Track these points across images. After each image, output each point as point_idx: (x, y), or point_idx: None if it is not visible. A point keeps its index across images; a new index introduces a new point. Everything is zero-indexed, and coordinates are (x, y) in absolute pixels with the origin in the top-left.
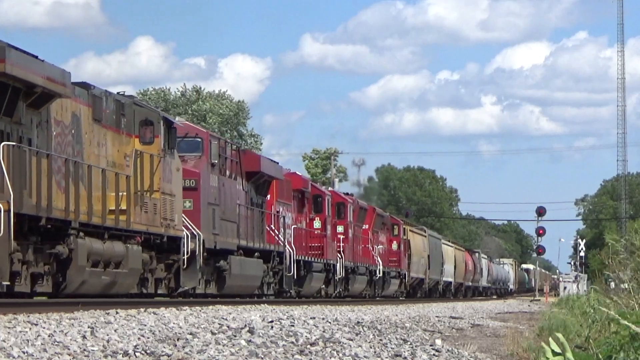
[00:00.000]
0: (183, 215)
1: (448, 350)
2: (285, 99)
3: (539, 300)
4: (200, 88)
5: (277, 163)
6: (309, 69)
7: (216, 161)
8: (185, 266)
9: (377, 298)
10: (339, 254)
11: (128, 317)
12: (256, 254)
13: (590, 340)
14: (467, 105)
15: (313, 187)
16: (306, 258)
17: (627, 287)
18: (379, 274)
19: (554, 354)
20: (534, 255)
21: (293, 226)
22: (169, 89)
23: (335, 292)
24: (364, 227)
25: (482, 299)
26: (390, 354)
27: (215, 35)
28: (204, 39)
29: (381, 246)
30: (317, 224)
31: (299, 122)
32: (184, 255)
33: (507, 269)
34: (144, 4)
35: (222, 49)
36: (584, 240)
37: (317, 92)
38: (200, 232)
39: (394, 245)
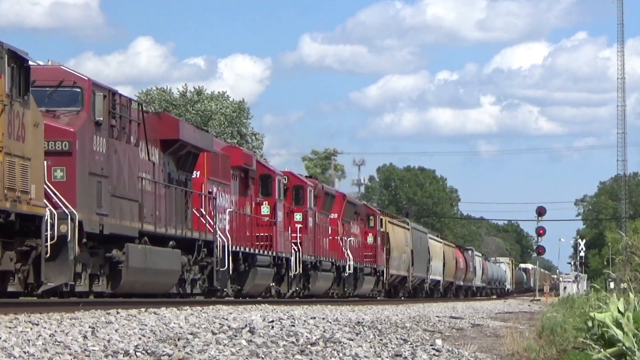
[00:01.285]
0: (50, 187)
1: (448, 350)
2: (284, 99)
3: (539, 300)
4: (202, 88)
5: (208, 131)
6: (308, 69)
7: (103, 119)
8: (49, 255)
9: (349, 298)
10: (294, 246)
11: (129, 317)
12: (171, 242)
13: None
14: (466, 105)
15: (260, 166)
16: (248, 250)
17: (626, 286)
18: (349, 270)
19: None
20: (534, 255)
21: (228, 210)
22: (169, 89)
23: (290, 291)
24: (331, 217)
25: (477, 299)
26: (390, 354)
27: (214, 36)
28: (204, 39)
29: (353, 239)
30: (265, 209)
31: (299, 122)
32: (46, 241)
33: (503, 268)
34: (143, 4)
35: (221, 49)
36: (584, 240)
37: (317, 92)
38: (75, 211)
39: (370, 238)
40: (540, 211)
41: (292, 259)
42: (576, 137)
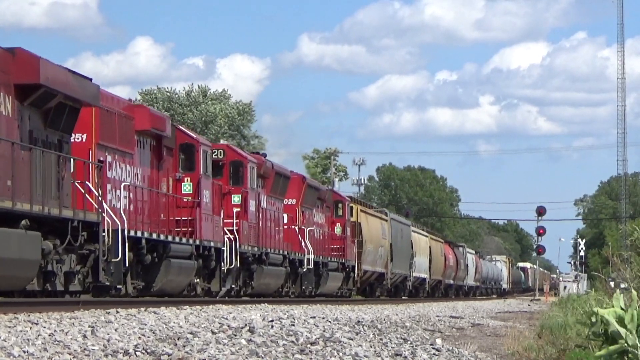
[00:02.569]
0: None
1: (448, 349)
2: (283, 99)
3: (539, 299)
4: (207, 88)
5: (91, 80)
6: (306, 69)
7: None
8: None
9: (311, 298)
10: (229, 235)
11: (128, 317)
12: (23, 222)
13: (592, 341)
14: (465, 105)
15: (180, 133)
16: (156, 236)
17: (627, 286)
18: (308, 264)
19: None
20: (534, 254)
21: (125, 184)
22: (173, 90)
23: (224, 289)
24: (287, 202)
25: (470, 299)
26: (390, 353)
27: (213, 36)
28: (202, 39)
29: (316, 229)
30: (186, 187)
31: (298, 122)
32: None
33: (499, 266)
34: (142, 4)
35: (220, 49)
36: (584, 240)
37: (315, 92)
38: None
39: (337, 229)
40: (540, 211)
41: (225, 249)
42: (575, 137)
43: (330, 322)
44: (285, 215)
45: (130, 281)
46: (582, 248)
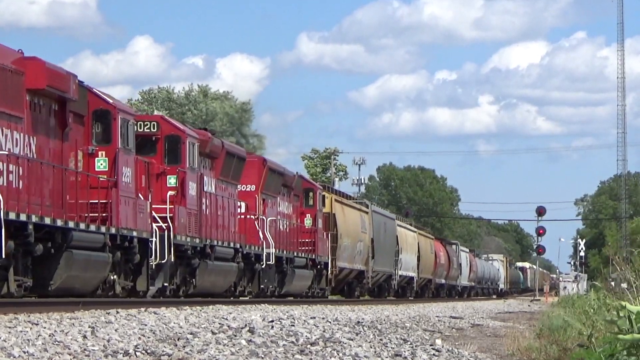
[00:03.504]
0: None
1: (448, 350)
2: (282, 99)
3: (539, 300)
4: (207, 87)
5: None
6: (305, 68)
7: None
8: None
9: (269, 299)
10: (160, 223)
11: (129, 317)
12: None
13: (593, 340)
14: (464, 105)
15: (93, 97)
16: (51, 221)
17: (627, 286)
18: (268, 260)
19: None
20: (534, 254)
21: (1, 153)
22: (172, 89)
23: (153, 288)
24: (243, 189)
25: (462, 300)
26: (390, 354)
27: (213, 35)
28: (202, 38)
29: (281, 220)
30: (100, 163)
31: (297, 121)
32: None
33: (496, 266)
34: (142, 3)
35: (220, 49)
36: (584, 240)
37: (315, 91)
38: None
39: (307, 221)
40: (540, 211)
41: (155, 241)
42: (574, 136)
43: (330, 322)
44: (242, 204)
45: (14, 277)
46: (582, 248)
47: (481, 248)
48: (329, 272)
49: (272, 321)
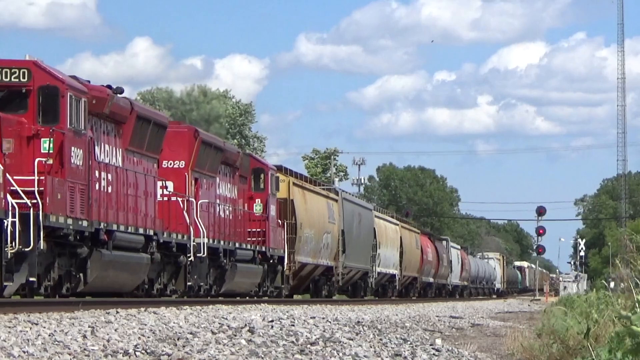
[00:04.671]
0: None
1: (448, 349)
2: (281, 99)
3: (539, 300)
4: (207, 88)
5: None
6: (304, 69)
7: None
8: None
9: (204, 299)
10: (25, 199)
11: (128, 317)
12: None
13: (592, 340)
14: (463, 105)
15: None
16: None
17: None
18: (198, 251)
19: None
20: (534, 254)
21: None
22: (172, 90)
23: (7, 283)
24: (170, 165)
25: (452, 300)
26: (390, 354)
27: (212, 36)
28: (201, 39)
29: (220, 204)
30: None
31: (296, 121)
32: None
33: (492, 264)
34: (141, 4)
35: (219, 50)
36: (584, 240)
37: (314, 92)
38: None
39: (257, 207)
40: (540, 211)
41: (11, 221)
42: (574, 136)
43: (330, 322)
44: (169, 184)
45: None
46: (582, 248)
47: (481, 248)
48: (285, 267)
49: (272, 321)
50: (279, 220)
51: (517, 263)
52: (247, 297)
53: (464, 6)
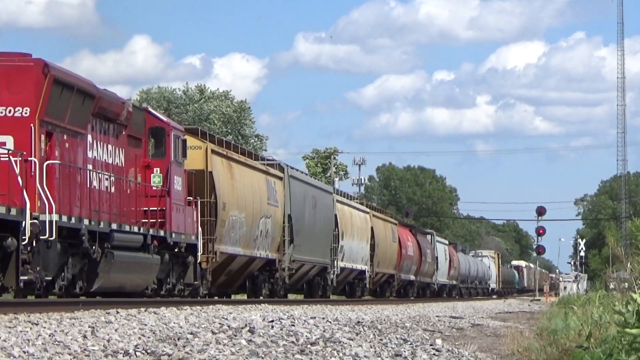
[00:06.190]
0: None
1: (448, 349)
2: (281, 99)
3: (539, 300)
4: (204, 86)
5: None
6: (303, 68)
7: None
8: None
9: (66, 298)
10: None
11: (129, 317)
12: None
13: (592, 340)
14: (462, 105)
15: None
16: None
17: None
18: (42, 233)
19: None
20: (534, 254)
21: None
22: (167, 88)
23: None
24: (8, 113)
25: (438, 300)
26: (390, 354)
27: (211, 35)
28: (200, 38)
29: (92, 171)
30: None
31: (295, 121)
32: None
33: (486, 263)
34: (139, 3)
35: (218, 49)
36: (584, 240)
37: (313, 91)
38: None
39: (156, 179)
40: (540, 211)
41: None
42: (572, 136)
43: (330, 322)
44: (7, 139)
45: None
46: (582, 248)
47: (481, 248)
48: (200, 258)
49: (272, 321)
50: (191, 198)
51: (515, 262)
52: (145, 298)
53: (462, 5)
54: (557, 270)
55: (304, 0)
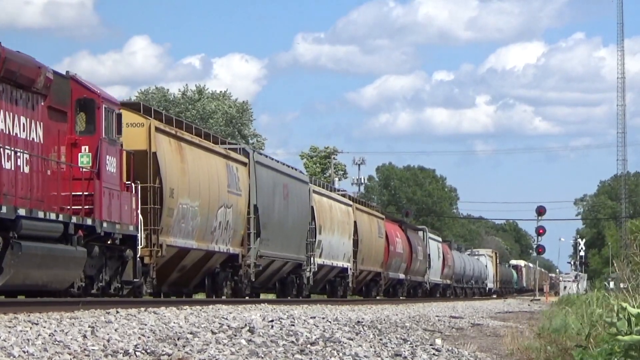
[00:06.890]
0: None
1: (448, 349)
2: (280, 99)
3: (539, 300)
4: (204, 87)
5: None
6: (303, 68)
7: None
8: None
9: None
10: None
11: (128, 317)
12: None
13: (591, 339)
14: (461, 105)
15: None
16: None
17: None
18: None
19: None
20: (534, 254)
21: None
22: (169, 92)
23: None
24: None
25: (432, 300)
26: (390, 354)
27: (210, 36)
28: (199, 39)
29: (5, 149)
30: None
31: (295, 121)
32: None
33: (483, 262)
34: (138, 3)
35: (217, 49)
36: (584, 240)
37: (312, 91)
38: None
39: (83, 158)
40: (540, 211)
41: None
42: (572, 136)
43: (330, 322)
44: None
45: None
46: (582, 248)
47: (481, 247)
48: (140, 252)
49: (272, 321)
50: (122, 181)
51: (514, 261)
52: (70, 297)
53: (461, 5)
54: (557, 270)
55: (304, 0)
